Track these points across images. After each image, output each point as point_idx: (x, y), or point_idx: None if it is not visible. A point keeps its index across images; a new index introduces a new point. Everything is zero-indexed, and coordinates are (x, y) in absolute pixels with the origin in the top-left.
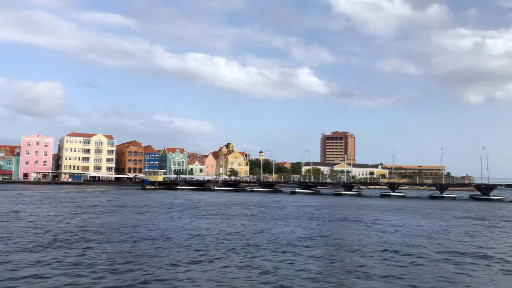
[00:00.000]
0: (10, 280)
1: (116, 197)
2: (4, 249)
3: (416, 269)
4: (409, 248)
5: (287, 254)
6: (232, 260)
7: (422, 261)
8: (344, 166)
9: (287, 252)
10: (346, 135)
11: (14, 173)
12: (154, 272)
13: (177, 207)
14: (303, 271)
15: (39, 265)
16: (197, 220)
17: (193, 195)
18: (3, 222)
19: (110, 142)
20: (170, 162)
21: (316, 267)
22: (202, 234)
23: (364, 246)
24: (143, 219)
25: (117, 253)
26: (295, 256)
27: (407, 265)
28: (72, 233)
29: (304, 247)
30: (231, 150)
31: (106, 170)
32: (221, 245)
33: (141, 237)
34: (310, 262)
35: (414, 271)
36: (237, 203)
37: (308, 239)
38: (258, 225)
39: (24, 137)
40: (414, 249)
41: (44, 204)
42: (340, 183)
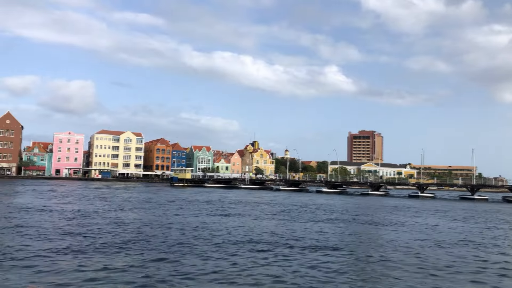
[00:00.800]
0: (52, 274)
1: (147, 194)
2: (45, 246)
3: (453, 278)
4: (450, 256)
5: (314, 254)
6: (257, 258)
7: (462, 269)
8: (371, 166)
9: (315, 252)
10: (374, 134)
11: (47, 169)
12: (186, 270)
13: (211, 204)
14: (330, 274)
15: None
16: (231, 218)
17: (221, 192)
18: (38, 217)
19: (138, 140)
20: (197, 159)
21: (343, 270)
22: (236, 232)
23: (396, 250)
24: (179, 215)
25: (152, 251)
26: (324, 257)
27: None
28: (105, 229)
29: (332, 249)
30: (256, 149)
31: (134, 167)
32: (251, 243)
33: (176, 235)
34: (338, 264)
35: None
36: (267, 202)
37: (338, 240)
38: (288, 223)
39: (56, 134)
40: (454, 257)
41: (84, 200)
42: (367, 182)
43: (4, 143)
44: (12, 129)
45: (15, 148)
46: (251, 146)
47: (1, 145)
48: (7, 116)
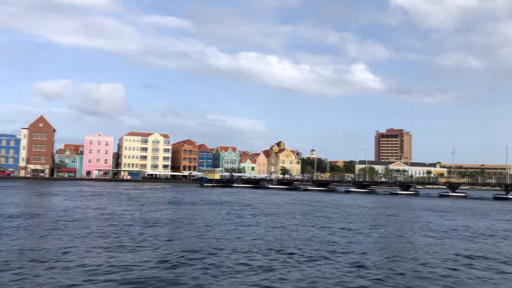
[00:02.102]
0: (90, 271)
1: (179, 194)
2: (80, 244)
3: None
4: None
5: (347, 257)
6: (287, 259)
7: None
8: (399, 165)
9: (348, 254)
10: (402, 133)
11: (78, 170)
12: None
13: (244, 205)
14: (362, 277)
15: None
16: (266, 218)
17: (250, 192)
18: (72, 217)
19: (166, 141)
20: (223, 160)
21: (376, 273)
22: (270, 233)
23: (431, 254)
24: (213, 215)
25: (187, 249)
26: (358, 259)
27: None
28: (143, 227)
29: (368, 251)
30: (282, 149)
31: (162, 168)
32: (283, 244)
33: (216, 233)
34: (372, 266)
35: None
36: (299, 202)
37: (373, 242)
38: (318, 223)
39: (87, 136)
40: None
41: (120, 201)
42: (396, 182)
43: (38, 146)
44: (45, 132)
45: (48, 150)
46: (276, 146)
47: (35, 148)
48: (40, 120)
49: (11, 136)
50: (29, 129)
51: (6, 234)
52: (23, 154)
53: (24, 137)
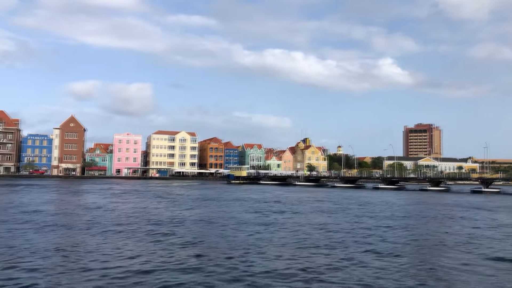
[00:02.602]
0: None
1: (208, 191)
2: (118, 241)
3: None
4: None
5: (376, 255)
6: (318, 257)
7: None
8: (429, 161)
9: (377, 253)
10: (431, 128)
11: (108, 169)
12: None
13: (274, 201)
14: (394, 279)
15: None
16: (298, 215)
17: (277, 190)
18: (105, 214)
19: (193, 139)
20: (249, 157)
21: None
22: (309, 229)
23: (467, 253)
24: (244, 212)
25: (219, 246)
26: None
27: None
28: (182, 224)
29: (400, 251)
30: (308, 145)
31: (189, 165)
32: (319, 241)
33: (253, 231)
34: (404, 267)
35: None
36: (328, 199)
37: (409, 240)
38: (351, 220)
39: (116, 135)
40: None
41: (153, 198)
42: (426, 178)
43: (69, 145)
44: (76, 132)
45: (79, 149)
46: (302, 143)
47: (67, 147)
48: (71, 120)
49: (44, 136)
50: (61, 129)
51: (44, 231)
52: (56, 153)
53: (56, 137)
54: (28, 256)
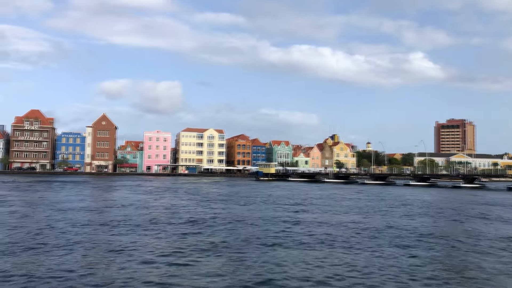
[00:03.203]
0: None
1: (237, 187)
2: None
3: None
4: None
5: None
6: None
7: None
8: (462, 157)
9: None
10: (464, 123)
11: (138, 166)
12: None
13: (305, 198)
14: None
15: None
16: (331, 213)
17: (306, 187)
18: (135, 210)
19: (220, 136)
20: (276, 154)
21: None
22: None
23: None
24: (276, 209)
25: (255, 242)
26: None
27: None
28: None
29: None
30: (336, 142)
31: (217, 162)
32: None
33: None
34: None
35: None
36: (359, 196)
37: (446, 240)
38: (385, 218)
39: (146, 133)
40: None
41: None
42: (459, 175)
43: (101, 143)
44: (107, 130)
45: (110, 147)
46: (330, 139)
47: (99, 145)
48: (103, 118)
49: (77, 134)
50: (93, 127)
51: (81, 226)
52: (88, 151)
53: (88, 135)
54: (62, 251)
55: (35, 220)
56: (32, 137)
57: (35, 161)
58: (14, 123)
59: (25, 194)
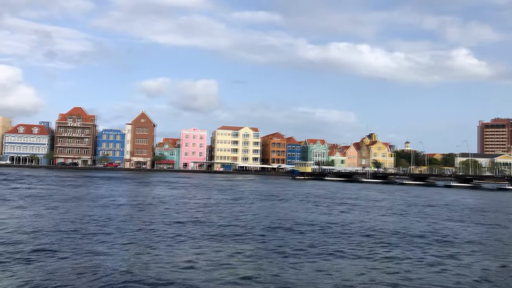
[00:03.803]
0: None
1: (274, 185)
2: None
3: None
4: None
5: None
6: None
7: None
8: (508, 158)
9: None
10: (510, 123)
11: (176, 162)
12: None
13: (346, 198)
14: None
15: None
16: (373, 214)
17: (344, 186)
18: (174, 206)
19: (255, 134)
20: (311, 153)
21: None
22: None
23: None
24: (316, 208)
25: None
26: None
27: None
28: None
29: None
30: (374, 141)
31: (252, 160)
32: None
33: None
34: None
35: None
36: (401, 197)
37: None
38: (429, 221)
39: (183, 130)
40: None
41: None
42: (505, 176)
43: (140, 140)
44: (146, 127)
45: (149, 144)
46: (368, 138)
47: (138, 142)
48: (142, 116)
49: (117, 131)
50: (132, 124)
51: (123, 221)
52: (128, 147)
53: (128, 132)
54: (104, 245)
55: (79, 215)
56: (75, 133)
57: (77, 156)
58: (58, 120)
59: (74, 189)
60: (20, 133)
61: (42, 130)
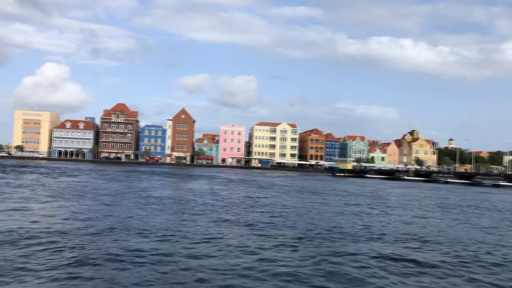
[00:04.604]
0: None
1: (314, 182)
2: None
3: None
4: None
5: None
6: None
7: None
8: None
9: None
10: None
11: (214, 158)
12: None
13: (392, 197)
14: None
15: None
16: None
17: (387, 184)
18: (211, 201)
19: (293, 131)
20: (350, 150)
21: None
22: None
23: None
24: (362, 206)
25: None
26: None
27: None
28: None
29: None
30: (416, 138)
31: (290, 156)
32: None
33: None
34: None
35: None
36: (455, 198)
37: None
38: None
39: (222, 126)
40: None
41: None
42: None
43: (180, 135)
44: (186, 123)
45: (189, 139)
46: (409, 135)
47: (178, 137)
48: (182, 112)
49: (158, 127)
50: (173, 120)
51: (160, 214)
52: (168, 142)
53: (169, 128)
54: (143, 238)
55: (126, 208)
56: (118, 129)
57: (121, 151)
58: (102, 115)
59: (120, 183)
60: (67, 128)
61: (88, 125)
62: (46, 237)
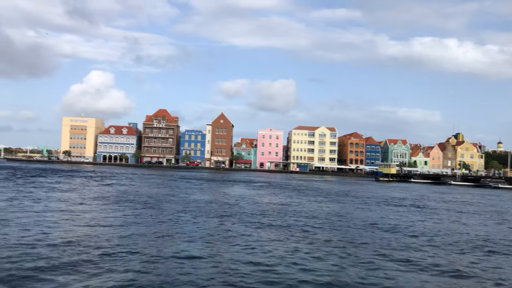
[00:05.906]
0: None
1: (360, 187)
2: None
3: None
4: None
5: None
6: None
7: None
8: None
9: None
10: None
11: (252, 162)
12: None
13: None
14: None
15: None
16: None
17: (434, 189)
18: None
19: (332, 134)
20: (392, 153)
21: None
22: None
23: None
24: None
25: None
26: None
27: None
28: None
29: None
30: (461, 141)
31: (329, 160)
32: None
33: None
34: None
35: None
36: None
37: None
38: None
39: (260, 130)
40: None
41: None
42: None
43: (219, 140)
44: (225, 128)
45: (227, 144)
46: (454, 138)
47: (217, 142)
48: (221, 117)
49: (198, 132)
50: (212, 125)
51: (199, 219)
52: (208, 147)
53: (208, 132)
54: (181, 240)
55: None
56: (160, 134)
57: (162, 156)
58: (144, 121)
59: (166, 189)
60: (111, 134)
61: (131, 130)
62: (103, 241)
